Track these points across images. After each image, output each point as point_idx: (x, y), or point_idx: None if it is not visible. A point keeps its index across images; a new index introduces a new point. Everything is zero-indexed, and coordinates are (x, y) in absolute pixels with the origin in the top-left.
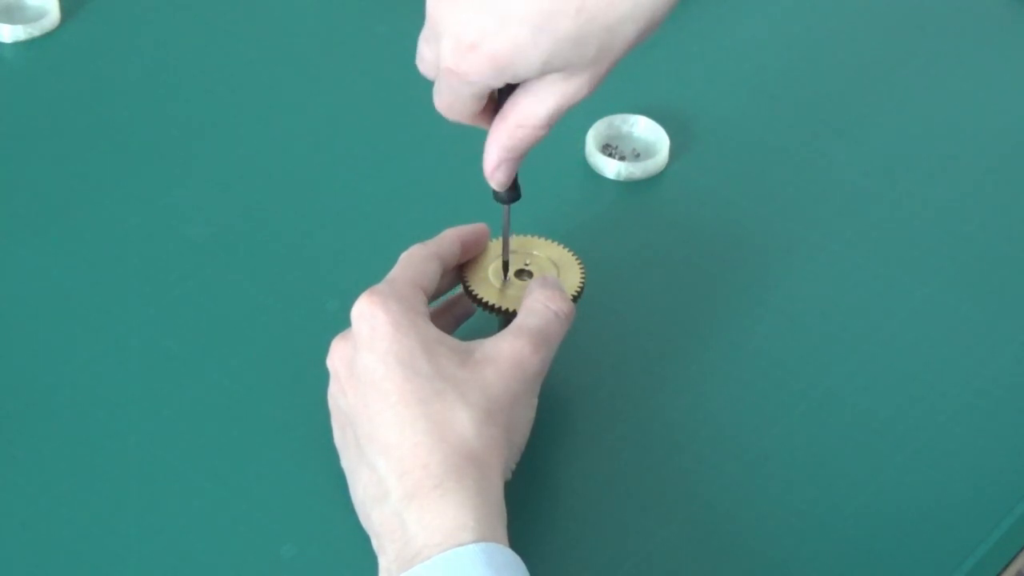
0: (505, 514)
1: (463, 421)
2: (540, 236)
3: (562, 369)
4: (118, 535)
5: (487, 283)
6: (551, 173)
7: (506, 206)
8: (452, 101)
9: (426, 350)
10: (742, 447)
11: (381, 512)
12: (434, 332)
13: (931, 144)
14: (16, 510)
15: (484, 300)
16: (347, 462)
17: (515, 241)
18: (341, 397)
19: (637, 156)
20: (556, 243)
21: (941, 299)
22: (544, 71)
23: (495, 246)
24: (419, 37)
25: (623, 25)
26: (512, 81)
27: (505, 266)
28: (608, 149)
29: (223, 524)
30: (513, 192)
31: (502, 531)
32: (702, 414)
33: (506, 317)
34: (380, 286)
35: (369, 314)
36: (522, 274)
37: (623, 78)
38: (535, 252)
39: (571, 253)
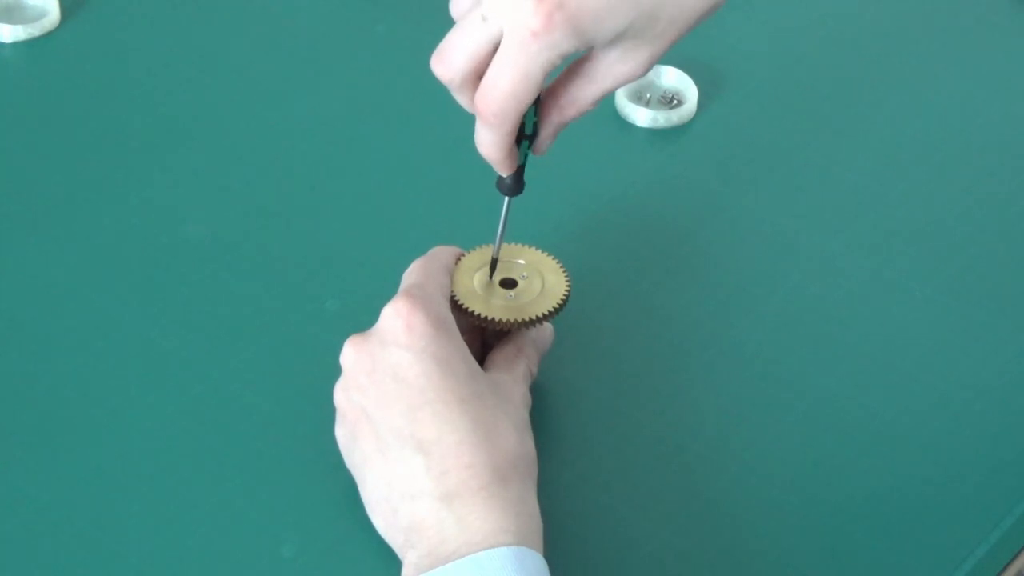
0: (541, 524)
1: (506, 427)
2: (525, 244)
3: (562, 367)
4: (118, 535)
5: (474, 294)
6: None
7: (507, 198)
8: (521, 75)
9: (463, 354)
10: (742, 447)
11: (412, 508)
12: (464, 344)
13: (931, 144)
14: (16, 510)
15: (476, 313)
16: (359, 459)
17: (501, 249)
18: (357, 393)
19: (670, 101)
20: (541, 251)
21: (941, 299)
22: (615, 39)
23: (478, 255)
24: (449, 35)
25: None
26: (584, 47)
27: (493, 263)
28: (638, 94)
29: (223, 524)
30: (517, 185)
31: (539, 540)
32: (702, 413)
33: (495, 327)
34: (415, 290)
35: (407, 312)
36: (508, 283)
37: None
38: (520, 260)
39: (554, 260)
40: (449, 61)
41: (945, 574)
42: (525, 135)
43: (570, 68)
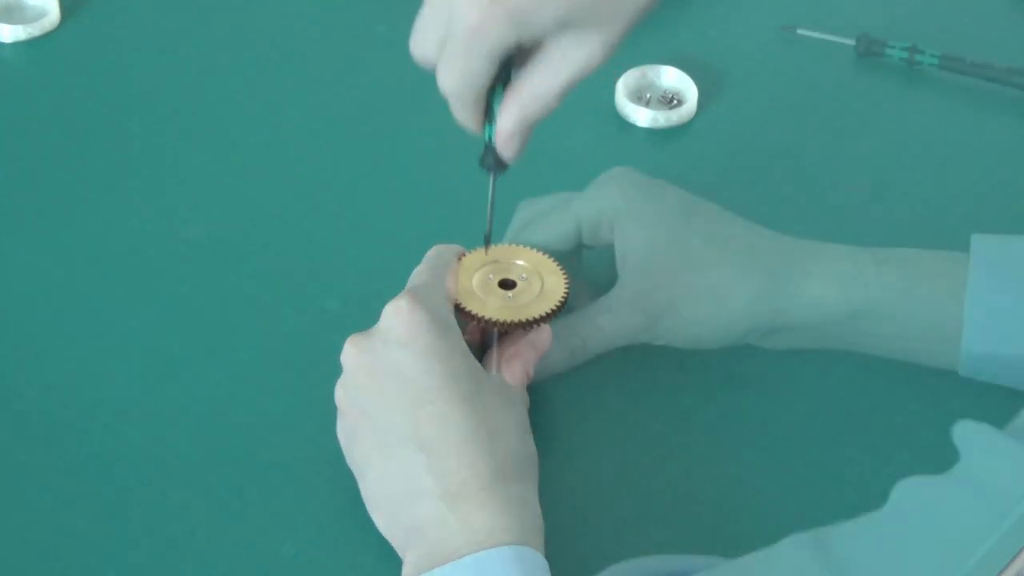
0: (543, 523)
1: (508, 426)
2: (523, 245)
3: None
4: (118, 535)
5: (472, 294)
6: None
7: (492, 176)
8: (466, 67)
9: (464, 353)
10: (742, 447)
11: (414, 507)
12: (464, 343)
13: (930, 143)
14: (16, 510)
15: (473, 313)
16: (360, 457)
17: (499, 250)
18: (358, 391)
19: (670, 101)
20: (539, 251)
21: None
22: (560, 27)
23: (479, 256)
24: (417, 19)
25: None
26: (528, 38)
27: (486, 239)
28: (638, 94)
29: (223, 524)
30: (494, 160)
31: (540, 539)
32: (702, 413)
33: (493, 327)
34: (419, 289)
35: (408, 310)
36: (507, 284)
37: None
38: (519, 261)
39: (554, 261)
40: (419, 45)
41: (945, 574)
42: (492, 118)
43: (529, 62)
